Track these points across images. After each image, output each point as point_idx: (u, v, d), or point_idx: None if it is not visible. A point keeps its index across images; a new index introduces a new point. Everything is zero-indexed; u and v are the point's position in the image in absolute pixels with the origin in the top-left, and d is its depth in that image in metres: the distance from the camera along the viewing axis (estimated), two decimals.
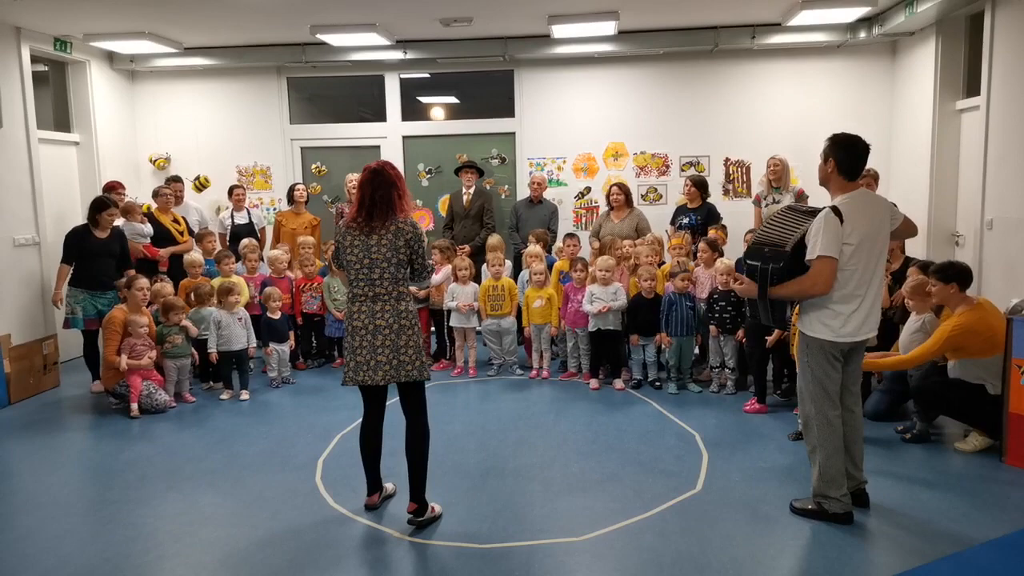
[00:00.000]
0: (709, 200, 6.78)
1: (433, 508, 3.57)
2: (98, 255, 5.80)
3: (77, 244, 5.75)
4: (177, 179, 7.12)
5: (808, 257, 3.27)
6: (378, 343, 3.41)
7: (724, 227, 6.66)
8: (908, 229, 3.58)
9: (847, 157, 3.32)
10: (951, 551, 3.16)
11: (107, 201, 5.82)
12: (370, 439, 3.63)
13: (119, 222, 6.08)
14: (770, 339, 5.06)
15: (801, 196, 6.44)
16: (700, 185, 6.69)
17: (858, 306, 3.30)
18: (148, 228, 6.37)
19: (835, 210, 3.24)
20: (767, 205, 6.45)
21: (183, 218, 6.73)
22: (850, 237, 3.22)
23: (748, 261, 3.47)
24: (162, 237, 6.45)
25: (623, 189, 6.72)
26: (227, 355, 5.73)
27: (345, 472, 4.12)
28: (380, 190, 3.41)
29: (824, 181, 3.43)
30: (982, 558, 3.09)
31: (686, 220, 6.64)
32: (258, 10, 6.13)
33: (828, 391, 3.40)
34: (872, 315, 3.38)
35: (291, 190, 7.27)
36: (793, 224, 3.40)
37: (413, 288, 6.29)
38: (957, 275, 4.29)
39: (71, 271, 5.82)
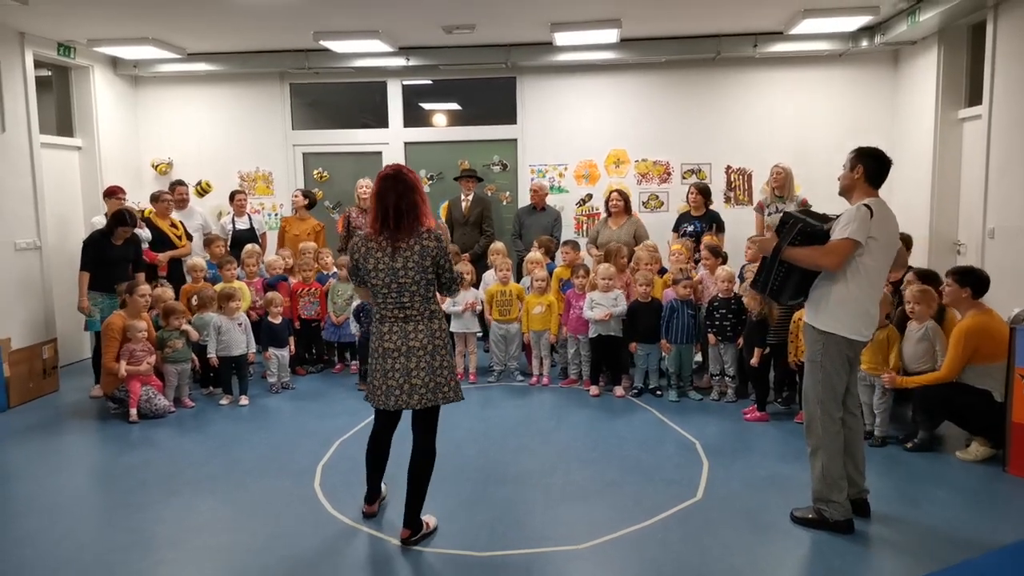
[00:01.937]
0: (712, 208, 6.79)
1: (427, 524, 3.46)
2: (116, 261, 5.84)
3: (95, 250, 5.78)
4: (181, 183, 7.11)
5: (834, 238, 3.38)
6: (412, 365, 3.22)
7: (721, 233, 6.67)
8: (901, 260, 3.75)
9: (876, 166, 3.45)
10: (954, 560, 3.15)
11: (127, 219, 5.82)
12: (378, 449, 3.55)
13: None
14: (754, 359, 5.09)
15: (805, 205, 6.44)
16: (705, 192, 6.69)
17: (873, 306, 3.43)
18: (146, 233, 6.37)
19: (866, 205, 3.36)
20: (770, 214, 6.44)
21: (181, 223, 6.73)
22: (877, 233, 3.32)
23: (786, 212, 3.61)
24: (160, 241, 6.45)
25: (623, 196, 6.73)
26: (227, 360, 5.72)
27: (344, 478, 4.11)
28: (404, 198, 3.13)
29: (847, 189, 3.53)
30: (985, 567, 3.08)
31: (691, 228, 6.63)
32: (261, 16, 6.15)
33: (836, 391, 3.46)
34: (877, 318, 3.53)
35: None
36: (829, 218, 3.55)
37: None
38: (974, 281, 4.33)
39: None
